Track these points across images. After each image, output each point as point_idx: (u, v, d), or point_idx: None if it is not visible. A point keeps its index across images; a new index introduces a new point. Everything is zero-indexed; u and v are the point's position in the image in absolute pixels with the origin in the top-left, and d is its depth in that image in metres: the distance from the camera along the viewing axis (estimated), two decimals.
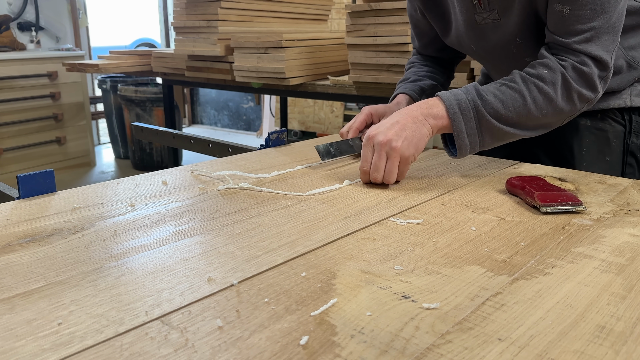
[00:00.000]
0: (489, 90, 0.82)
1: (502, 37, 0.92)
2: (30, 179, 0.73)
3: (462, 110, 0.81)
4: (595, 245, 0.59)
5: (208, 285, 0.49)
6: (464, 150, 0.83)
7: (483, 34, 0.94)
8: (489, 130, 0.82)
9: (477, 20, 0.92)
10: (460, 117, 0.81)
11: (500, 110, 0.81)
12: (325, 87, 2.07)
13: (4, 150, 3.55)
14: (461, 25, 0.96)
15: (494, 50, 0.97)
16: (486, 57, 1.00)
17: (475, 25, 0.93)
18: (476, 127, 0.81)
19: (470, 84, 0.89)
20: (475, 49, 0.99)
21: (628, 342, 0.41)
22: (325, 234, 0.61)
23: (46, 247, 0.57)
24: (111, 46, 4.70)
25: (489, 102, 0.81)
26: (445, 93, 0.83)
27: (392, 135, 0.79)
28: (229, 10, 2.25)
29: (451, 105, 0.81)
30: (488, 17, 0.91)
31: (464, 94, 0.82)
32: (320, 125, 4.37)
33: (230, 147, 1.27)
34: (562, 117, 0.85)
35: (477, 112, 0.81)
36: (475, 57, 1.06)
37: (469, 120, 0.81)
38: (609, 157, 1.00)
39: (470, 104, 0.81)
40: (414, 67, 1.16)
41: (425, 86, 1.08)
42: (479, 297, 0.47)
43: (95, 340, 0.40)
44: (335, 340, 0.40)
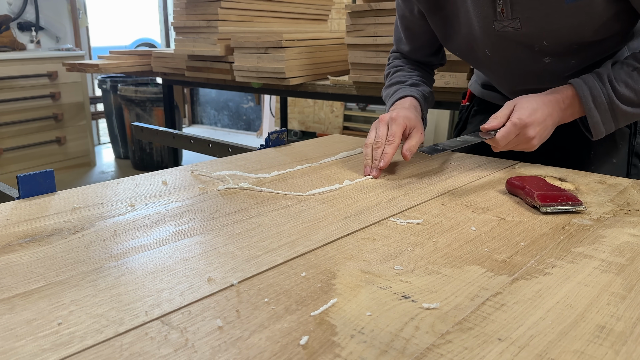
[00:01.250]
0: (621, 79, 0.84)
1: (525, 41, 0.90)
2: (30, 179, 0.73)
3: (597, 105, 0.85)
4: (595, 245, 0.59)
5: (208, 285, 0.49)
6: (600, 135, 0.87)
7: (502, 40, 0.92)
8: (623, 115, 0.86)
9: (495, 27, 0.90)
10: (596, 111, 0.85)
11: (633, 98, 0.85)
12: (325, 87, 2.07)
13: (4, 150, 3.55)
14: (477, 32, 0.93)
15: (513, 53, 0.94)
16: (501, 62, 0.98)
17: (493, 31, 0.91)
18: (611, 116, 0.86)
19: (605, 69, 0.85)
20: (490, 54, 0.96)
21: (628, 342, 0.41)
22: (325, 234, 0.61)
23: (46, 247, 0.57)
24: (111, 46, 4.70)
25: (621, 93, 0.84)
26: (583, 87, 0.85)
27: (538, 130, 0.83)
28: (229, 10, 2.25)
29: (587, 102, 0.85)
30: (509, 26, 0.89)
31: (599, 87, 0.84)
32: (320, 125, 4.37)
33: (230, 147, 1.27)
34: None
35: (611, 104, 0.85)
36: (484, 63, 1.02)
37: (604, 112, 0.85)
38: (616, 159, 1.00)
39: (605, 98, 0.84)
40: (403, 71, 1.12)
41: (425, 93, 1.06)
42: (479, 297, 0.47)
43: (95, 340, 0.40)
44: (335, 340, 0.40)
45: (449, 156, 1.00)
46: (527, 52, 0.92)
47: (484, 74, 1.09)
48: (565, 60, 0.92)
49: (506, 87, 1.05)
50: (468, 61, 1.07)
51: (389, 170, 0.90)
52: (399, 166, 0.93)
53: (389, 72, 1.16)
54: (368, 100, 2.11)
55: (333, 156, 0.99)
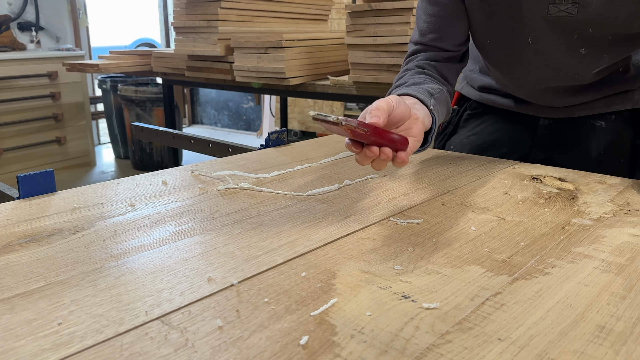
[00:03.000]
0: None
1: (572, 28, 0.86)
2: (30, 179, 0.73)
3: None
4: (595, 245, 0.59)
5: (208, 285, 0.49)
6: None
7: (549, 25, 0.87)
8: None
9: (550, 10, 0.85)
10: None
11: None
12: (325, 87, 2.07)
13: (4, 150, 3.55)
14: (524, 14, 0.88)
15: (555, 42, 0.89)
16: (540, 51, 0.91)
17: (545, 15, 0.86)
18: None
19: None
20: (531, 42, 0.90)
21: (628, 342, 0.41)
22: (325, 234, 0.61)
23: (46, 247, 0.57)
24: (111, 46, 4.69)
25: None
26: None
27: None
28: (229, 10, 2.25)
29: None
30: (565, 10, 0.84)
31: None
32: (321, 125, 4.37)
33: (230, 147, 1.27)
34: None
35: None
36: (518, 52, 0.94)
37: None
38: (623, 159, 1.00)
39: None
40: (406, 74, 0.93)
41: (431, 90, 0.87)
42: (479, 297, 0.47)
43: (95, 340, 0.40)
44: (335, 340, 0.40)
45: (449, 156, 1.00)
46: (567, 40, 0.88)
47: (509, 70, 1.00)
48: (599, 52, 0.89)
49: (529, 85, 0.99)
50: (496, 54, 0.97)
51: (389, 169, 0.90)
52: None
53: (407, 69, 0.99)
54: (368, 100, 2.11)
55: (333, 156, 0.99)
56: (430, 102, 0.80)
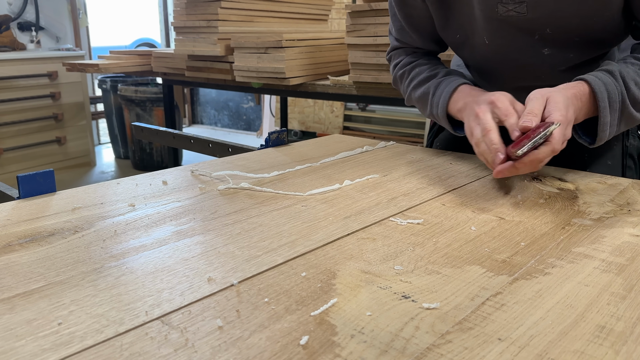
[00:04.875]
0: (630, 77, 0.79)
1: (528, 27, 0.86)
2: (30, 179, 0.73)
3: (611, 103, 0.78)
4: (595, 245, 0.59)
5: (208, 285, 0.49)
6: (603, 140, 0.80)
7: (503, 25, 0.88)
8: (628, 119, 0.80)
9: (499, 10, 0.86)
10: (609, 110, 0.78)
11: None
12: (325, 87, 2.07)
13: (4, 150, 3.55)
14: (477, 15, 0.89)
15: (512, 42, 0.90)
16: (498, 51, 0.92)
17: (495, 15, 0.87)
18: (618, 117, 0.79)
19: (613, 66, 0.79)
20: (488, 42, 0.91)
21: (628, 342, 0.41)
22: (325, 234, 0.61)
23: (46, 247, 0.57)
24: (111, 46, 4.70)
25: (633, 91, 0.78)
26: (598, 82, 0.78)
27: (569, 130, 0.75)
28: (229, 10, 2.25)
29: (602, 98, 0.78)
30: (514, 10, 0.84)
31: (614, 83, 0.78)
32: (320, 125, 4.37)
33: (230, 147, 1.27)
34: None
35: (622, 103, 0.78)
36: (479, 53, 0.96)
37: (614, 112, 0.79)
38: (610, 161, 0.99)
39: (619, 96, 0.78)
40: (421, 66, 1.02)
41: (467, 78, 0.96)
42: (479, 297, 0.47)
43: (95, 340, 0.40)
44: (335, 340, 0.40)
45: (449, 156, 1.00)
46: (526, 40, 0.88)
47: (476, 67, 1.04)
48: (564, 53, 0.89)
49: (498, 83, 1.00)
50: (462, 51, 1.01)
51: (389, 169, 0.90)
52: (399, 166, 0.93)
53: (403, 72, 1.04)
54: (368, 100, 2.12)
55: (333, 156, 0.99)
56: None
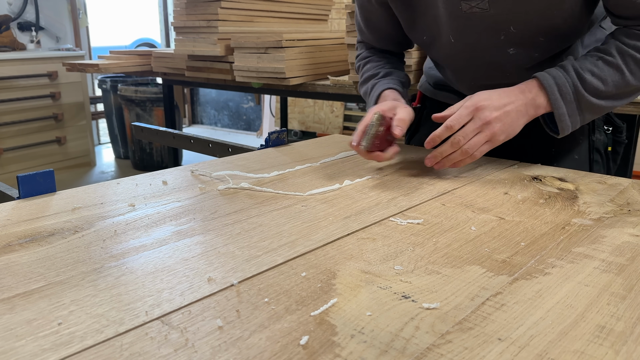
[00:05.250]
0: (586, 68, 0.82)
1: (492, 26, 0.88)
2: (30, 179, 0.73)
3: (562, 94, 0.82)
4: (595, 245, 0.59)
5: (208, 285, 0.49)
6: (566, 130, 0.84)
7: (468, 23, 0.90)
8: (589, 107, 0.83)
9: (462, 7, 0.88)
10: (561, 100, 0.82)
11: (600, 87, 0.82)
12: (325, 87, 2.07)
13: (4, 150, 3.55)
14: (442, 13, 0.91)
15: (478, 41, 0.92)
16: (464, 50, 0.94)
17: (460, 13, 0.89)
18: (577, 107, 0.83)
19: (568, 61, 0.83)
20: (454, 41, 0.94)
21: (628, 342, 0.41)
22: (325, 234, 0.61)
23: (46, 247, 0.57)
24: (111, 46, 4.70)
25: (589, 82, 0.82)
26: (546, 77, 0.83)
27: (497, 114, 0.81)
28: (229, 10, 2.25)
29: (552, 91, 0.82)
30: (476, 6, 0.86)
31: (564, 76, 0.82)
32: (320, 125, 4.37)
33: (230, 147, 1.27)
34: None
35: (577, 94, 0.82)
36: (447, 51, 0.98)
37: (569, 103, 0.82)
38: (577, 156, 1.00)
39: (571, 87, 0.82)
40: (371, 62, 1.09)
41: (402, 79, 1.05)
42: (479, 297, 0.47)
43: (95, 340, 0.40)
44: (335, 340, 0.40)
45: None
46: (492, 40, 0.90)
47: (444, 67, 1.06)
48: (529, 52, 0.91)
49: (466, 82, 1.02)
50: (430, 51, 1.03)
51: (389, 170, 0.90)
52: (399, 166, 0.93)
53: (359, 66, 1.13)
54: None
55: (333, 156, 0.99)
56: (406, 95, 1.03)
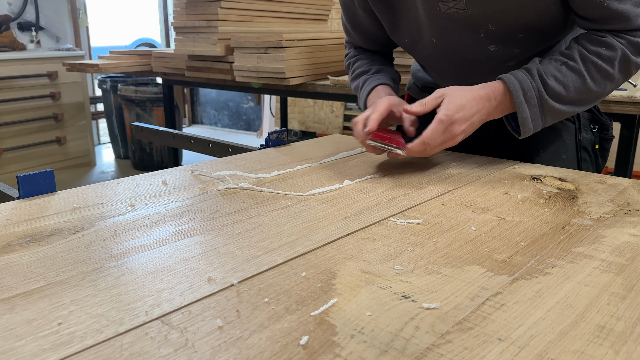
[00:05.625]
0: (550, 72, 0.84)
1: (471, 24, 0.89)
2: (30, 179, 0.73)
3: (527, 99, 0.84)
4: (595, 245, 0.59)
5: (208, 285, 0.49)
6: (528, 132, 0.87)
7: (448, 23, 0.91)
8: (551, 112, 0.85)
9: (441, 9, 0.89)
10: (525, 105, 0.84)
11: (562, 93, 0.84)
12: (325, 87, 2.07)
13: (4, 150, 3.55)
14: (422, 15, 0.92)
15: (458, 40, 0.93)
16: (446, 49, 0.96)
17: (438, 14, 0.90)
18: (540, 112, 0.85)
19: (534, 64, 0.85)
20: (435, 41, 0.95)
21: (628, 342, 0.41)
22: (325, 234, 0.61)
23: (46, 247, 0.57)
24: (111, 46, 4.70)
25: (551, 87, 0.83)
26: (512, 81, 0.84)
27: (464, 128, 0.83)
28: (229, 10, 2.25)
29: (517, 95, 0.84)
30: (454, 7, 0.88)
31: (529, 80, 0.84)
32: (320, 125, 4.37)
33: (230, 147, 1.27)
34: (617, 86, 0.87)
35: (540, 98, 0.84)
36: (429, 52, 0.99)
37: (533, 107, 0.85)
38: (565, 155, 1.01)
39: (535, 92, 0.84)
40: (361, 60, 1.11)
41: (393, 75, 1.07)
42: (479, 297, 0.47)
43: (95, 340, 0.40)
44: (335, 340, 0.40)
45: (450, 156, 1.00)
46: (473, 38, 0.92)
47: (428, 67, 1.07)
48: (509, 48, 0.92)
49: (450, 80, 1.02)
50: (413, 53, 1.05)
51: (389, 169, 0.90)
52: (399, 166, 0.93)
53: (349, 63, 1.15)
54: None
55: (333, 156, 0.99)
56: (397, 90, 1.06)
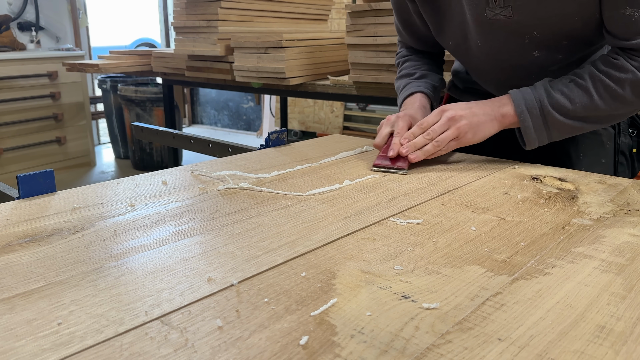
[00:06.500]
0: (557, 87, 0.87)
1: (517, 30, 0.91)
2: (30, 179, 0.73)
3: (528, 108, 0.87)
4: (595, 245, 0.59)
5: (208, 285, 0.49)
6: (533, 143, 0.90)
7: (494, 29, 0.93)
8: (556, 125, 0.87)
9: (487, 15, 0.91)
10: (527, 114, 0.87)
11: (567, 106, 0.85)
12: (325, 87, 2.07)
13: (4, 150, 3.55)
14: (469, 19, 0.95)
15: (503, 45, 0.95)
16: (490, 53, 0.98)
17: (485, 19, 0.92)
18: (543, 123, 0.87)
19: (541, 81, 0.89)
20: (481, 45, 0.97)
21: (628, 342, 0.41)
22: (325, 234, 0.61)
23: (46, 247, 0.57)
24: (111, 46, 4.69)
25: (556, 99, 0.86)
26: (515, 91, 0.89)
27: (462, 113, 0.88)
28: (229, 10, 2.25)
29: (519, 104, 0.87)
30: (500, 14, 0.90)
31: (532, 92, 0.88)
32: (320, 125, 4.37)
33: (230, 147, 1.27)
34: (632, 110, 0.88)
35: (542, 109, 0.86)
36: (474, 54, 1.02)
37: (535, 117, 0.87)
38: (604, 159, 1.02)
39: (537, 102, 0.87)
40: (411, 61, 1.14)
41: (435, 83, 1.09)
42: (479, 297, 0.47)
43: (95, 340, 0.40)
44: (335, 340, 0.40)
45: (449, 156, 1.00)
46: (517, 43, 0.93)
47: (472, 69, 1.09)
48: (553, 54, 0.94)
49: (492, 83, 1.06)
50: (459, 55, 1.07)
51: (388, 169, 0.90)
52: None
53: (398, 62, 1.18)
54: (368, 100, 2.12)
55: (333, 156, 0.99)
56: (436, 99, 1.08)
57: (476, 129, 0.88)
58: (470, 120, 0.88)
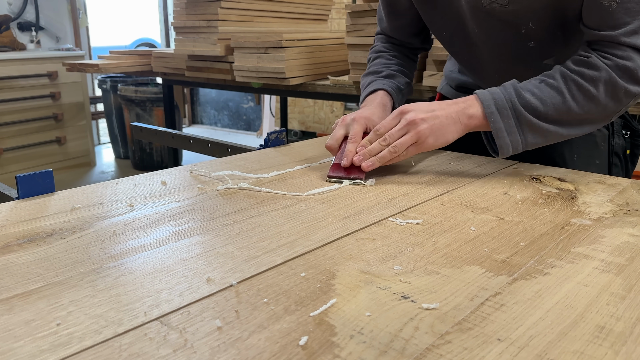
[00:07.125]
0: (526, 88, 0.81)
1: (512, 20, 0.90)
2: (29, 179, 0.73)
3: (499, 108, 0.80)
4: (595, 245, 0.59)
5: (207, 285, 0.49)
6: (506, 149, 0.82)
7: (489, 18, 0.91)
8: (530, 128, 0.81)
9: (483, 3, 0.89)
10: (498, 115, 0.80)
11: (539, 107, 0.80)
12: (325, 87, 2.07)
13: (4, 150, 3.55)
14: (465, 6, 0.93)
15: (499, 34, 0.93)
16: (487, 41, 0.96)
17: (481, 7, 0.90)
18: (515, 125, 0.81)
19: (509, 82, 0.83)
20: (478, 32, 0.95)
21: (628, 342, 0.41)
22: (324, 234, 0.61)
23: (45, 248, 0.57)
24: (111, 46, 4.70)
25: (527, 99, 0.80)
26: (483, 92, 0.83)
27: (423, 116, 0.81)
28: (229, 10, 2.25)
29: (488, 104, 0.81)
30: (496, 2, 0.87)
31: (502, 92, 0.81)
32: (320, 125, 4.37)
33: (229, 147, 1.27)
34: (607, 114, 0.83)
35: (514, 109, 0.80)
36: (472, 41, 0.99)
37: (507, 118, 0.81)
38: (598, 160, 1.01)
39: (508, 102, 0.80)
40: (382, 59, 1.10)
41: (401, 86, 1.06)
42: (478, 297, 0.47)
43: (94, 340, 0.40)
44: (334, 340, 0.40)
45: (449, 156, 1.00)
46: (513, 34, 0.92)
47: (468, 59, 1.06)
48: (549, 45, 0.92)
49: (490, 73, 1.03)
50: (453, 46, 1.04)
51: (389, 170, 0.90)
52: (399, 166, 0.93)
53: (370, 58, 1.14)
54: None
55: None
56: (399, 101, 1.05)
57: (438, 133, 0.81)
58: (431, 124, 0.81)
